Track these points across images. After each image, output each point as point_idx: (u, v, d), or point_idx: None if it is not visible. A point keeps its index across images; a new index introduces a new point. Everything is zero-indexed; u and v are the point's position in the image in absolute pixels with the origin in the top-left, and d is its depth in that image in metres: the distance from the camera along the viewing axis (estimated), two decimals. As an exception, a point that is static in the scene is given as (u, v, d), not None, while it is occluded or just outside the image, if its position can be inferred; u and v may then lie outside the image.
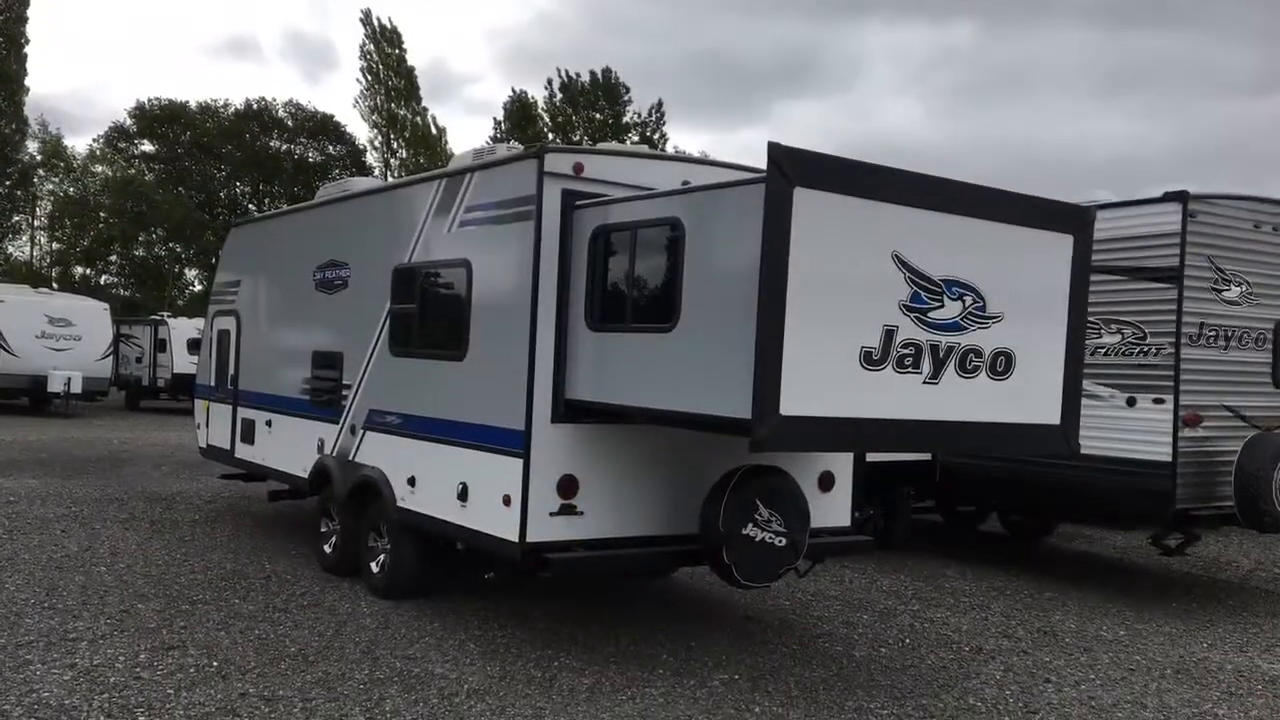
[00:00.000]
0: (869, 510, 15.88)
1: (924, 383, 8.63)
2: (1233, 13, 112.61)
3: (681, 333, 9.02)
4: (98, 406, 41.48)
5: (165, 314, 49.77)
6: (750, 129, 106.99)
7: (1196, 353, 13.27)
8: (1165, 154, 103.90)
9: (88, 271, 74.70)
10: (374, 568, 12.50)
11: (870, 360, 8.34)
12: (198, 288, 74.57)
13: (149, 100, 75.94)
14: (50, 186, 75.03)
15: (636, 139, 72.45)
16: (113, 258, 74.37)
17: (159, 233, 72.47)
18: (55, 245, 76.45)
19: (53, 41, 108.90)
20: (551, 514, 10.06)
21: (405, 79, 76.88)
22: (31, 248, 76.87)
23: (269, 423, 15.49)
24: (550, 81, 77.02)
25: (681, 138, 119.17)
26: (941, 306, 8.64)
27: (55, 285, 61.30)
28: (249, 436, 16.06)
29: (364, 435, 12.85)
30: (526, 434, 10.03)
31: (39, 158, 72.47)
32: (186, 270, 78.10)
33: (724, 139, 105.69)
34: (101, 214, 71.33)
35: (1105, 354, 13.68)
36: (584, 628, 11.33)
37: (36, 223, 76.35)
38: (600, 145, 12.97)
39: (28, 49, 62.96)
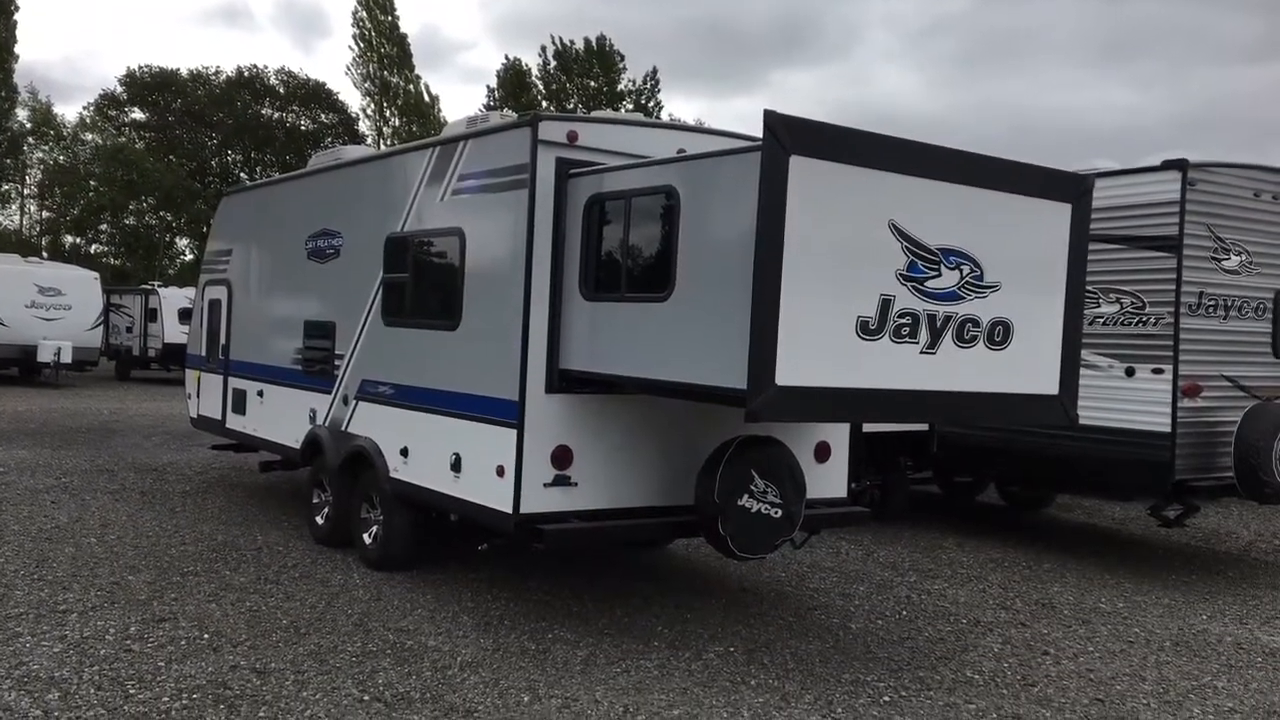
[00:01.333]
0: (865, 481, 15.83)
1: (921, 353, 8.56)
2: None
3: (677, 302, 8.93)
4: (88, 377, 41.42)
5: (156, 283, 49.64)
6: (746, 97, 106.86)
7: (1196, 322, 13.17)
8: (1164, 122, 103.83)
9: (78, 240, 74.51)
10: (367, 539, 12.42)
11: (867, 330, 8.27)
12: (188, 257, 74.46)
13: (139, 68, 75.83)
14: (40, 155, 74.76)
15: (631, 107, 72.20)
16: (103, 226, 74.13)
17: (149, 201, 72.23)
18: (45, 214, 76.23)
19: (43, 8, 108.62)
20: (545, 485, 9.98)
21: (398, 46, 76.59)
22: (21, 216, 76.71)
23: (260, 393, 15.39)
24: (544, 49, 76.87)
25: (676, 105, 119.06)
26: (939, 276, 8.56)
27: (45, 254, 61.06)
28: (240, 407, 15.97)
29: (356, 405, 12.75)
30: (520, 404, 9.95)
31: (29, 125, 72.15)
32: (177, 239, 77.94)
33: (719, 107, 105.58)
34: (92, 182, 71.08)
35: (1104, 324, 13.59)
36: (578, 600, 11.26)
37: (26, 191, 76.14)
38: (595, 113, 12.86)
39: (17, 15, 62.50)
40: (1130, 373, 13.37)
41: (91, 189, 71.17)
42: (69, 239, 74.69)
